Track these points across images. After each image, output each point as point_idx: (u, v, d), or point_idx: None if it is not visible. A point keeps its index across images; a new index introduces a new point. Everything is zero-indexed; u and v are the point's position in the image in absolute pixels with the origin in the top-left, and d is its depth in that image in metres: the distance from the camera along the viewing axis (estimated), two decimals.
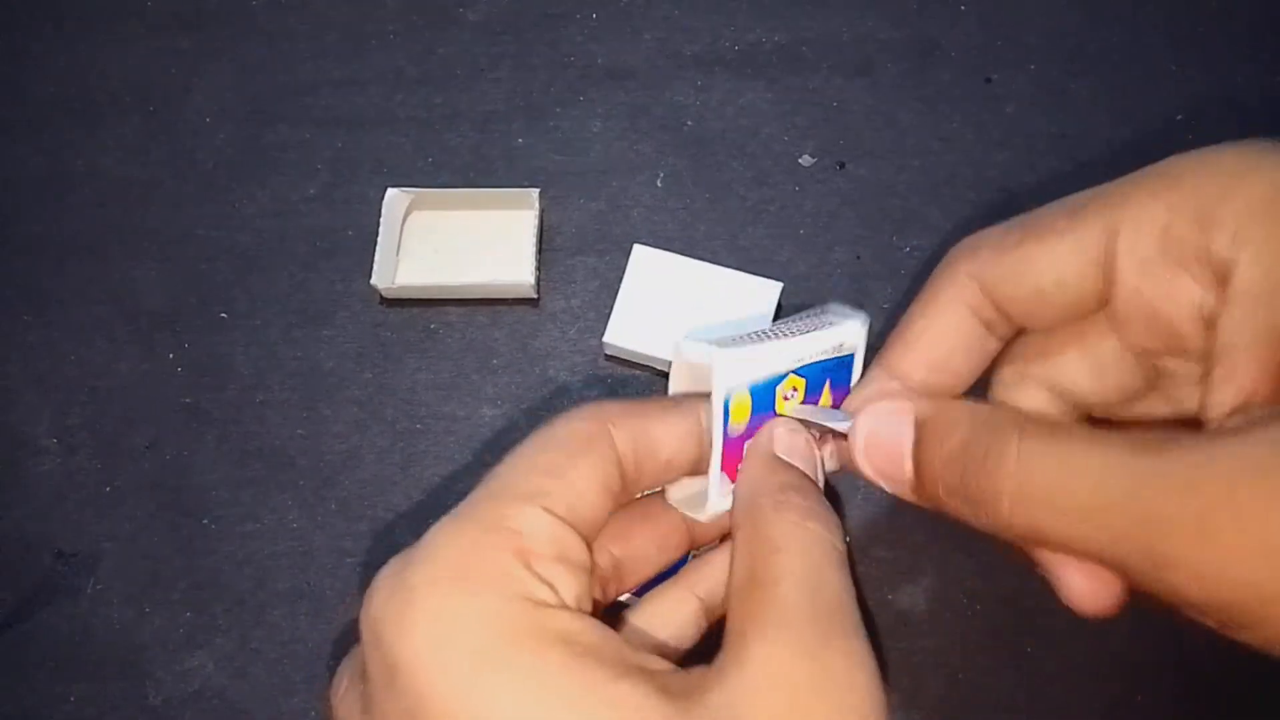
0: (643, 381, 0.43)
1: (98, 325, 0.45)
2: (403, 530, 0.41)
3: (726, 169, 0.46)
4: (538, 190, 0.44)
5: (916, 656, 0.38)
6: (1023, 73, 0.47)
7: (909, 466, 0.26)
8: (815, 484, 0.28)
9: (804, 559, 0.25)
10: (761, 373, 0.29)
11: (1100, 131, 0.46)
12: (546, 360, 0.43)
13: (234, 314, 0.45)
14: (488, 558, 0.23)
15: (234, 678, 0.39)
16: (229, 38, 0.50)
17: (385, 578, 0.24)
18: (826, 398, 0.32)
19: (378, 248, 0.44)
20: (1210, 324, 0.23)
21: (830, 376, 0.32)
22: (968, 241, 0.28)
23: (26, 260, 0.46)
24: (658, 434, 0.27)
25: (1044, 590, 0.26)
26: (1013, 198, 0.45)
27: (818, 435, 0.30)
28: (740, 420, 0.29)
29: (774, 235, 0.45)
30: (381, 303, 0.44)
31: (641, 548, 0.30)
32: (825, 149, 0.46)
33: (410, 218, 0.45)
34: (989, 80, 0.47)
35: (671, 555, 0.30)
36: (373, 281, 0.43)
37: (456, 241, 0.45)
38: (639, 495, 0.29)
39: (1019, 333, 0.28)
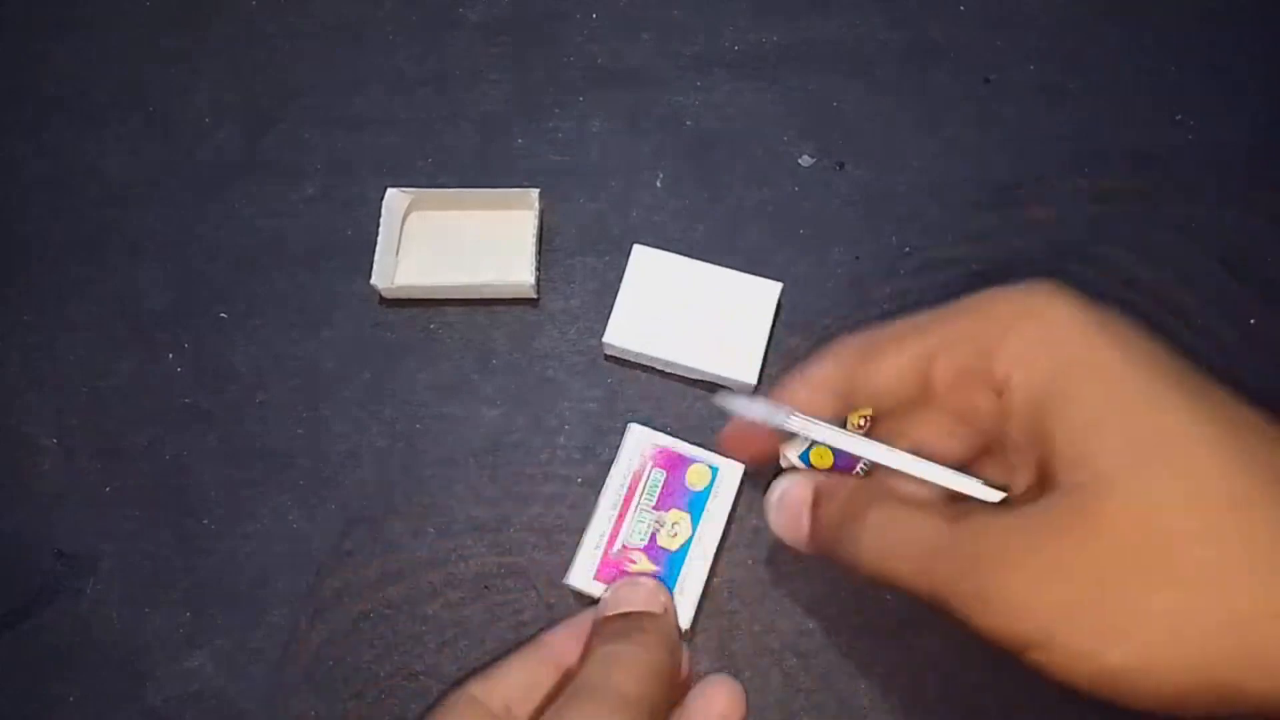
0: (642, 381, 0.43)
1: (98, 325, 0.45)
2: (402, 530, 0.41)
3: (726, 169, 0.46)
4: (538, 190, 0.44)
5: (916, 656, 0.38)
6: (1023, 73, 0.47)
7: (805, 524, 0.34)
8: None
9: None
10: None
11: (1100, 131, 0.46)
12: (546, 360, 0.43)
13: (234, 314, 0.45)
14: None
15: (234, 678, 0.39)
16: (229, 38, 0.50)
17: None
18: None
19: (377, 248, 0.44)
20: (1001, 422, 0.31)
21: None
22: (846, 342, 0.34)
23: (26, 260, 0.46)
24: (520, 684, 0.35)
25: None
26: (1012, 198, 0.45)
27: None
28: (824, 465, 0.38)
29: (774, 235, 0.45)
30: (381, 303, 0.44)
31: None
32: (825, 149, 0.46)
33: (410, 218, 0.45)
34: (989, 80, 0.47)
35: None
36: (372, 281, 0.43)
37: (456, 241, 0.45)
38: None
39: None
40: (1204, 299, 0.43)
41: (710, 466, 0.39)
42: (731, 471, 0.39)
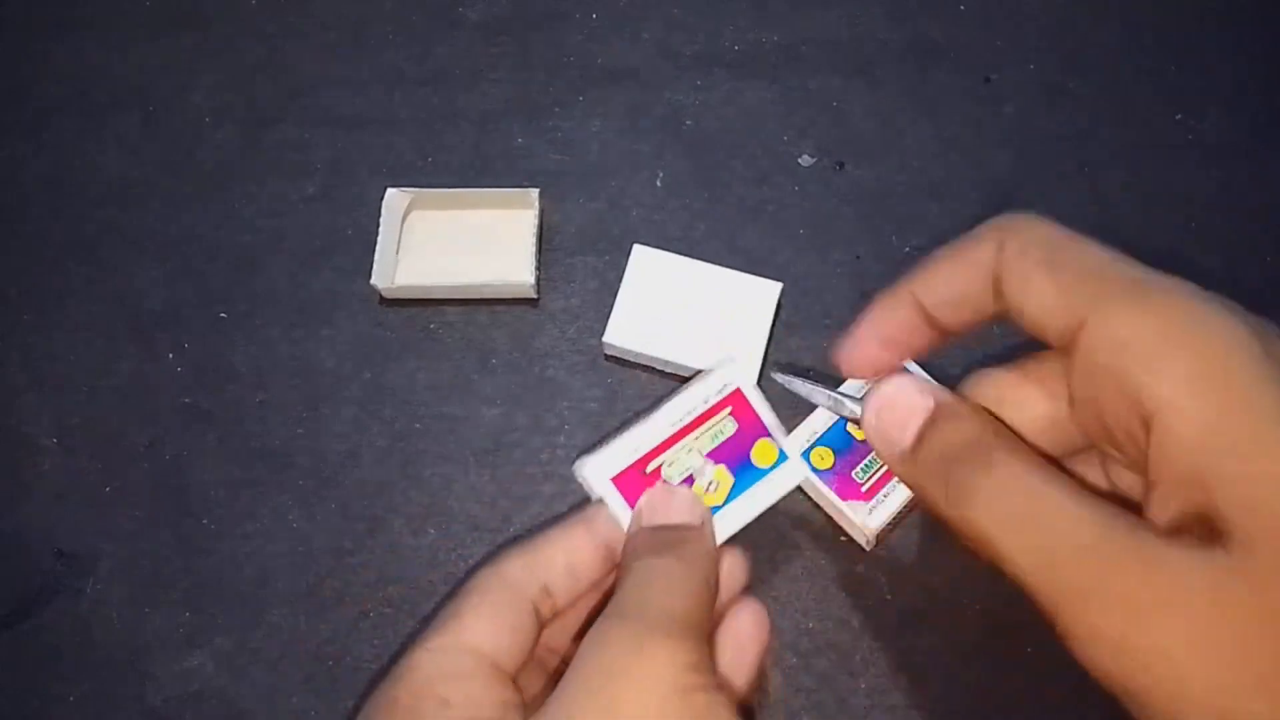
0: (642, 381, 0.43)
1: (98, 325, 0.45)
2: (402, 530, 0.41)
3: (726, 169, 0.46)
4: (538, 190, 0.44)
5: (916, 656, 0.38)
6: (1023, 73, 0.47)
7: (911, 435, 0.29)
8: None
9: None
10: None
11: (1100, 131, 0.46)
12: (546, 360, 0.43)
13: (234, 314, 0.45)
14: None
15: (234, 678, 0.39)
16: (229, 38, 0.50)
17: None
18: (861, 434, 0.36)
19: (377, 248, 0.44)
20: (1140, 438, 0.26)
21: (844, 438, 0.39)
22: (1015, 229, 0.29)
23: (26, 260, 0.46)
24: (560, 559, 0.32)
25: None
26: (1013, 198, 0.45)
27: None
28: (824, 466, 0.38)
29: (774, 235, 0.45)
30: (381, 302, 0.44)
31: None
32: (825, 149, 0.46)
33: (410, 218, 0.45)
34: (989, 80, 0.47)
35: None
36: (372, 281, 0.43)
37: (456, 241, 0.45)
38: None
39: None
40: None
41: (781, 451, 0.35)
42: (794, 471, 0.35)
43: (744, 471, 0.34)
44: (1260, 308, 0.45)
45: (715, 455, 0.34)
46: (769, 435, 0.35)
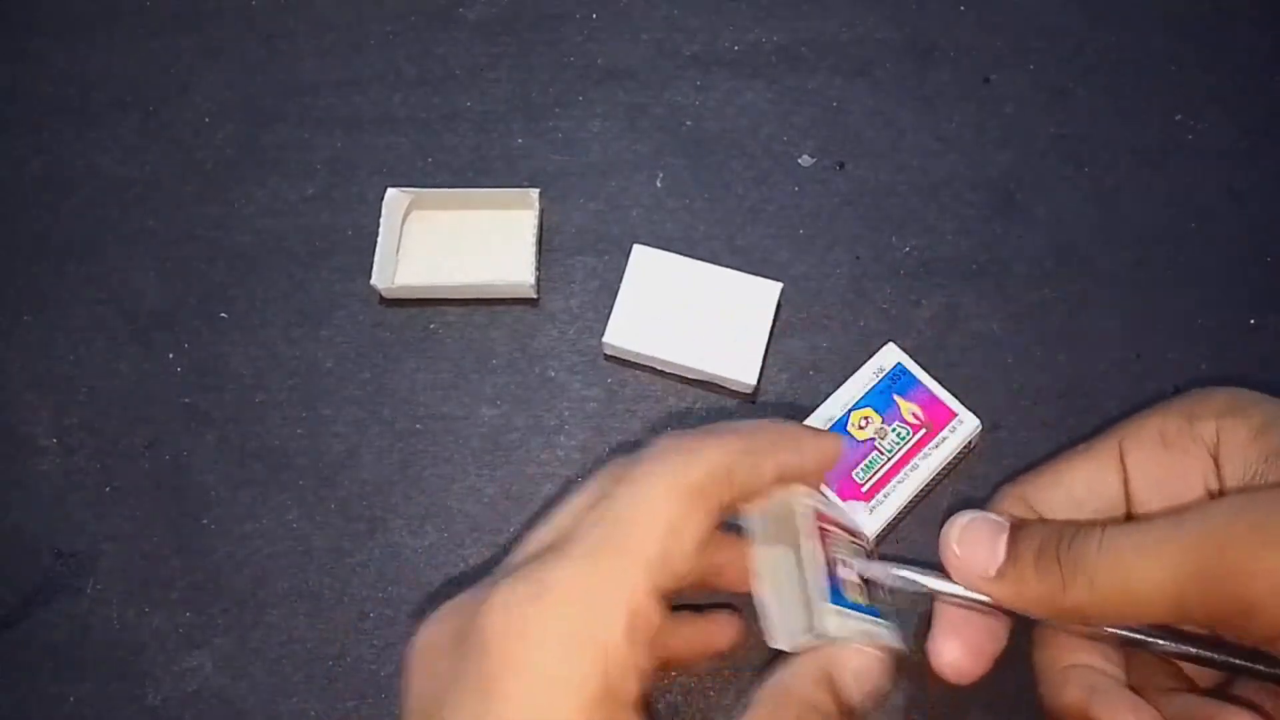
0: (642, 381, 0.43)
1: (98, 325, 0.45)
2: (402, 530, 0.41)
3: (726, 169, 0.46)
4: (537, 190, 0.44)
5: (916, 657, 0.38)
6: (1023, 73, 0.47)
7: (1002, 549, 0.29)
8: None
9: None
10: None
11: (1100, 131, 0.46)
12: (546, 360, 0.43)
13: (234, 314, 0.45)
14: (599, 624, 0.25)
15: (233, 678, 0.39)
16: (229, 38, 0.50)
17: (513, 588, 0.26)
18: (906, 406, 0.39)
19: (377, 248, 0.44)
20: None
21: (892, 390, 0.40)
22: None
23: (26, 260, 0.46)
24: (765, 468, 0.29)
25: None
26: (1013, 198, 0.45)
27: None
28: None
29: (774, 235, 0.45)
30: (381, 303, 0.44)
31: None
32: (825, 149, 0.46)
33: (410, 218, 0.45)
34: (988, 80, 0.47)
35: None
36: (372, 281, 0.43)
37: (456, 241, 0.45)
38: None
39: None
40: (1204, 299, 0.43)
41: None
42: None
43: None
44: (1261, 309, 0.45)
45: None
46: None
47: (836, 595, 0.30)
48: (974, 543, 0.29)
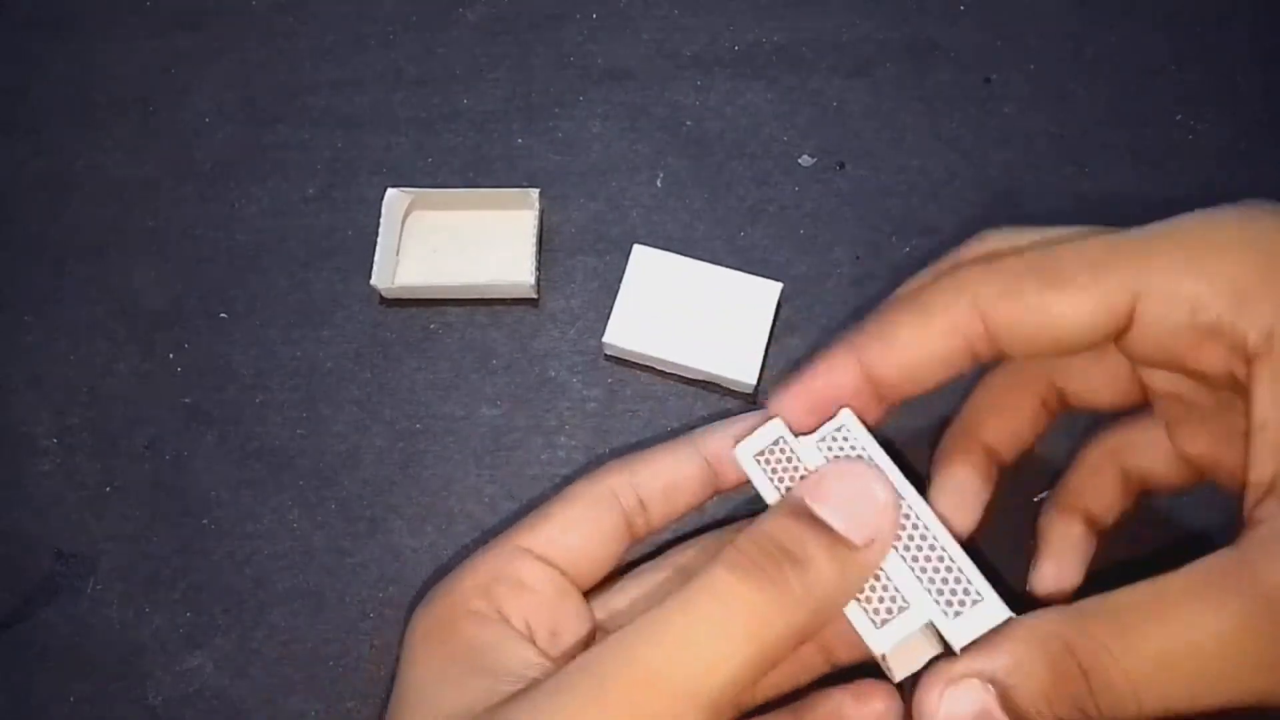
0: (643, 382, 0.43)
1: (98, 325, 0.45)
2: (402, 530, 0.41)
3: (726, 169, 0.46)
4: (537, 190, 0.44)
5: None
6: (1023, 73, 0.47)
7: None
8: None
9: None
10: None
11: (1100, 131, 0.46)
12: (546, 360, 0.43)
13: (234, 314, 0.45)
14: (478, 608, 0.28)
15: (234, 678, 0.39)
16: (229, 38, 0.50)
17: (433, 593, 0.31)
18: None
19: (377, 248, 0.44)
20: (1230, 374, 0.24)
21: None
22: (977, 271, 0.27)
23: (26, 260, 0.46)
24: (663, 473, 0.31)
25: None
26: (1013, 198, 0.45)
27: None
28: None
29: (774, 235, 0.45)
30: (381, 303, 0.44)
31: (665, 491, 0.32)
32: (825, 149, 0.46)
33: (410, 218, 0.45)
34: (989, 80, 0.47)
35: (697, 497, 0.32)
36: (372, 282, 0.43)
37: (456, 241, 0.45)
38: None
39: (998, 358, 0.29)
40: None
41: None
42: None
43: None
44: None
45: None
46: None
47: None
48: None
